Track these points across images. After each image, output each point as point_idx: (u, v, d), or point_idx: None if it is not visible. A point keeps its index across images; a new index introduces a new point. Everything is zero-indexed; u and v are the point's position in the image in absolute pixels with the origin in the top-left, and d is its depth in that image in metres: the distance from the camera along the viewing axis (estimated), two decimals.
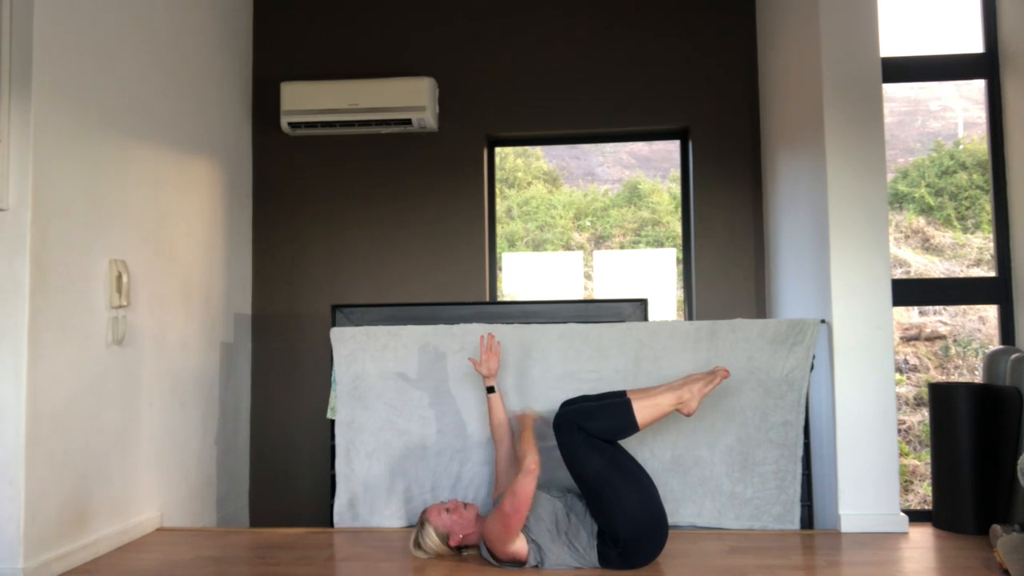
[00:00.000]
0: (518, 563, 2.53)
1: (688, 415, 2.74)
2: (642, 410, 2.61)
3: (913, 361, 5.66)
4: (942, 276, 5.63)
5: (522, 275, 4.84)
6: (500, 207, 4.81)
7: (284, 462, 4.17)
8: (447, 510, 2.65)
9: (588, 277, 5.07)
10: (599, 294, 4.72)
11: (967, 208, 5.93)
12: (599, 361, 3.16)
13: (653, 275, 4.63)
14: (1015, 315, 3.56)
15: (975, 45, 3.76)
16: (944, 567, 2.59)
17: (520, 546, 2.50)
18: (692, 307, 4.12)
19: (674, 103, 4.15)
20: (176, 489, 3.44)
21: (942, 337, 5.70)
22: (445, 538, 2.63)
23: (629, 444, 2.99)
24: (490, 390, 2.93)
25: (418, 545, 2.67)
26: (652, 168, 6.35)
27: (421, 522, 2.68)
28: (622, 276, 4.70)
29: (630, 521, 2.46)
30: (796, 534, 3.01)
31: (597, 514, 2.52)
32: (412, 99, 3.99)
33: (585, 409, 2.60)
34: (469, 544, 2.67)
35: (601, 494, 2.49)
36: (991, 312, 5.41)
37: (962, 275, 5.68)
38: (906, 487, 5.15)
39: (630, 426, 2.60)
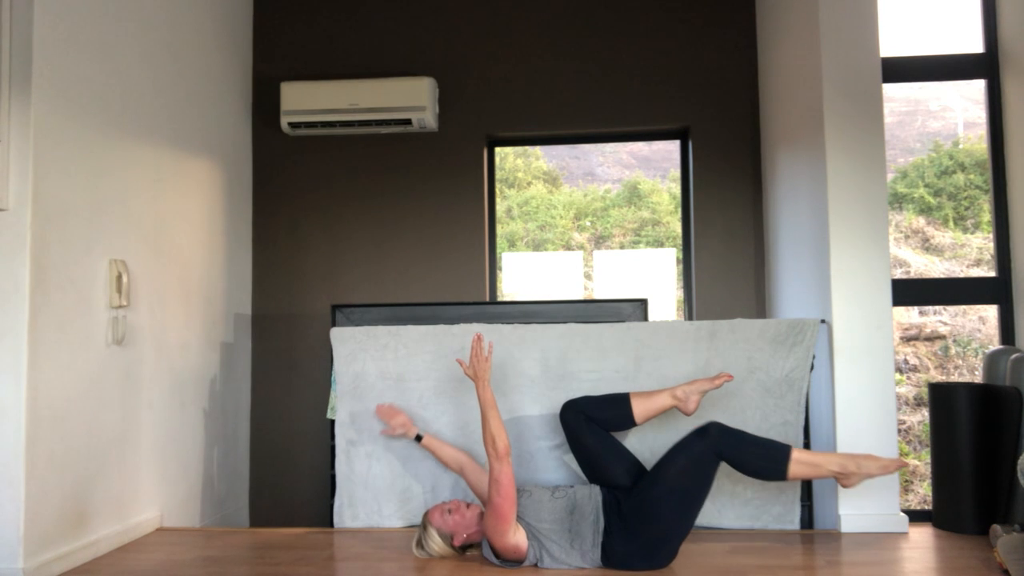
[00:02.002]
0: (519, 560, 2.53)
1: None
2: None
3: (913, 361, 5.67)
4: (942, 276, 5.64)
5: (522, 275, 4.84)
6: (500, 207, 4.81)
7: (284, 462, 4.17)
8: (449, 511, 2.65)
9: (588, 277, 5.08)
10: (599, 294, 4.72)
11: (967, 208, 5.93)
12: (599, 361, 3.16)
13: (653, 275, 4.63)
14: (1015, 315, 3.56)
15: (975, 45, 3.76)
16: (944, 567, 2.59)
17: (520, 539, 2.50)
18: (692, 307, 4.12)
19: (674, 103, 4.15)
20: (176, 489, 3.44)
21: (942, 337, 5.71)
22: (449, 539, 2.63)
23: (630, 445, 3.01)
24: (418, 439, 3.04)
25: (421, 546, 2.67)
26: (652, 168, 6.35)
27: (424, 524, 2.68)
28: (622, 276, 4.71)
29: (662, 532, 2.49)
30: (796, 534, 3.01)
31: (638, 505, 2.51)
32: (412, 99, 3.99)
33: (739, 438, 2.60)
34: (473, 543, 2.67)
35: (665, 498, 2.49)
36: (991, 312, 5.41)
37: (962, 275, 5.68)
38: (906, 487, 5.15)
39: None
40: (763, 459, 2.56)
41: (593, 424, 2.76)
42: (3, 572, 2.45)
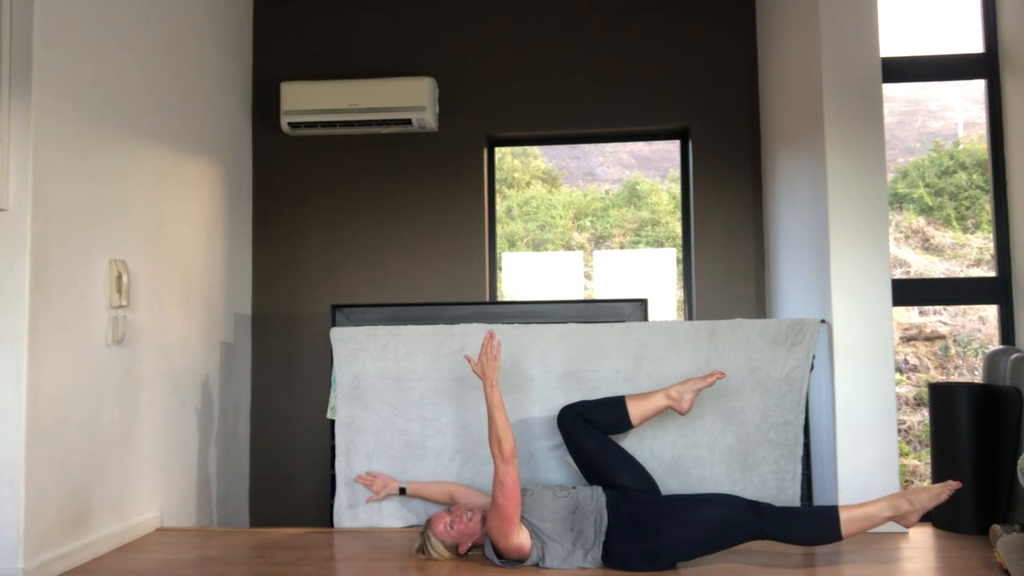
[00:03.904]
0: (520, 560, 2.53)
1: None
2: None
3: (913, 361, 5.66)
4: (942, 276, 5.64)
5: (522, 275, 4.84)
6: (500, 207, 4.81)
7: (284, 462, 4.17)
8: (451, 524, 2.62)
9: (588, 277, 5.08)
10: (599, 294, 4.72)
11: (967, 208, 5.93)
12: (599, 361, 3.16)
13: (653, 275, 4.64)
14: (1015, 315, 3.56)
15: (975, 45, 3.76)
16: (944, 567, 2.59)
17: (523, 539, 2.50)
18: (692, 307, 4.12)
19: (674, 103, 4.15)
20: (176, 489, 3.44)
21: (942, 337, 5.71)
22: (454, 548, 2.63)
23: (630, 445, 3.01)
24: (402, 491, 3.09)
25: (423, 552, 2.66)
26: (652, 168, 6.35)
27: (427, 534, 2.66)
28: (622, 276, 4.71)
29: (675, 541, 2.50)
30: None
31: (655, 507, 2.54)
32: (412, 99, 3.99)
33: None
34: (476, 544, 2.67)
35: (693, 509, 2.53)
36: (991, 312, 5.41)
37: (962, 275, 5.68)
38: (906, 487, 5.14)
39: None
40: (814, 531, 2.55)
41: (591, 428, 2.78)
42: (3, 572, 2.45)
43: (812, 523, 2.56)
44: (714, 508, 2.54)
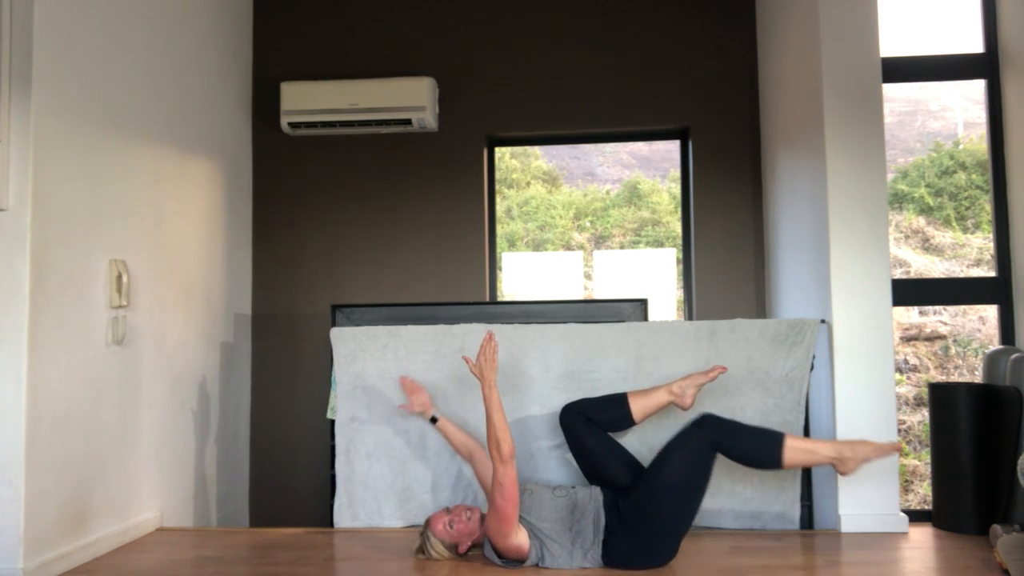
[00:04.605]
0: (520, 560, 2.53)
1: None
2: (792, 451, 2.60)
3: (913, 361, 5.66)
4: (942, 276, 5.64)
5: (522, 275, 4.84)
6: (500, 207, 4.81)
7: (284, 462, 4.17)
8: (451, 523, 2.62)
9: (588, 277, 5.08)
10: (599, 294, 4.72)
11: (967, 208, 5.93)
12: (599, 361, 3.16)
13: (653, 275, 4.64)
14: (1015, 315, 3.56)
15: (975, 45, 3.76)
16: (944, 567, 2.60)
17: (522, 539, 2.50)
18: (692, 307, 4.12)
19: (674, 103, 4.15)
20: (176, 489, 3.44)
21: (942, 337, 5.71)
22: (454, 548, 2.63)
23: (630, 444, 3.00)
24: (433, 420, 3.00)
25: (423, 552, 2.67)
26: (652, 168, 6.35)
27: (426, 533, 2.66)
28: (622, 276, 4.71)
29: (663, 528, 2.50)
30: (796, 534, 3.01)
31: (636, 502, 2.51)
32: (412, 99, 3.99)
33: (732, 427, 2.61)
34: (476, 544, 2.67)
35: (665, 493, 2.50)
36: (991, 312, 5.41)
37: (962, 275, 5.68)
38: (906, 487, 5.15)
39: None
40: (757, 447, 2.57)
41: (593, 426, 2.77)
42: (3, 572, 2.45)
43: (757, 441, 2.58)
44: (672, 454, 2.53)
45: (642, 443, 3.09)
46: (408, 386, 3.05)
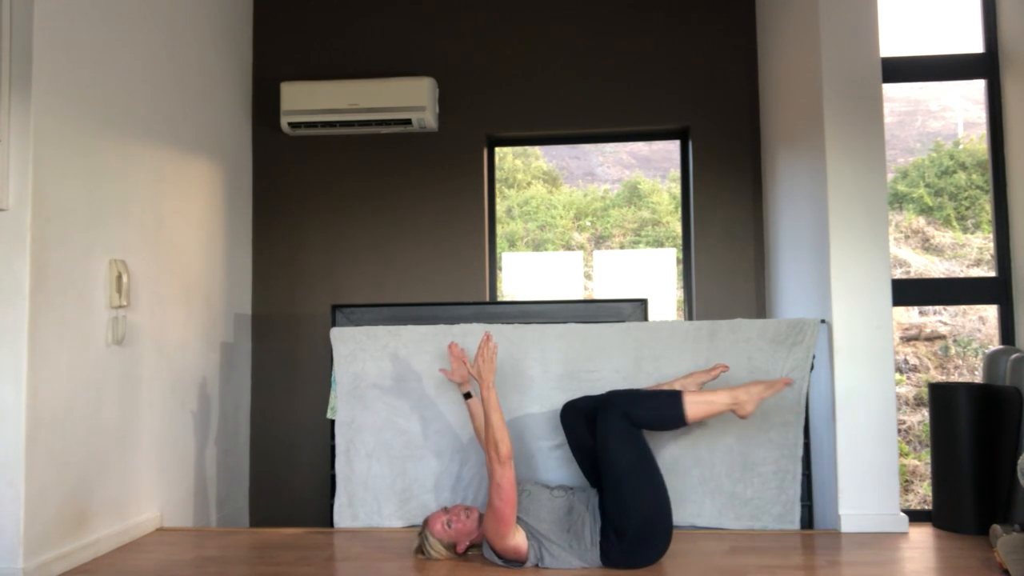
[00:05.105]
0: (519, 561, 2.53)
1: (743, 417, 2.71)
2: (693, 404, 2.61)
3: (913, 361, 5.66)
4: (942, 276, 5.64)
5: (522, 275, 4.84)
6: (500, 207, 4.81)
7: (284, 462, 4.17)
8: (449, 522, 2.62)
9: (588, 277, 5.08)
10: (599, 294, 4.72)
11: (967, 208, 5.93)
12: (599, 361, 3.16)
13: (653, 275, 4.64)
14: (1015, 315, 3.56)
15: (975, 45, 3.76)
16: (944, 567, 2.59)
17: (520, 540, 2.50)
18: (692, 307, 4.12)
19: (674, 103, 4.15)
20: (176, 489, 3.44)
21: (942, 337, 5.71)
22: (452, 547, 2.63)
23: None
24: (467, 396, 2.90)
25: (422, 552, 2.67)
26: (652, 168, 6.35)
27: (424, 533, 2.66)
28: (622, 276, 4.71)
29: (642, 518, 2.47)
30: (796, 534, 3.01)
31: (612, 504, 2.51)
32: (412, 99, 3.99)
33: (634, 395, 2.63)
34: (474, 544, 2.67)
35: (623, 485, 2.50)
36: (991, 312, 5.41)
37: (962, 275, 5.68)
38: (906, 487, 5.15)
39: (678, 418, 2.62)
40: (661, 409, 2.60)
41: (594, 424, 2.75)
42: (3, 572, 2.45)
43: (658, 402, 2.61)
44: (607, 446, 2.54)
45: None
46: (456, 353, 2.91)
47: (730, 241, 4.09)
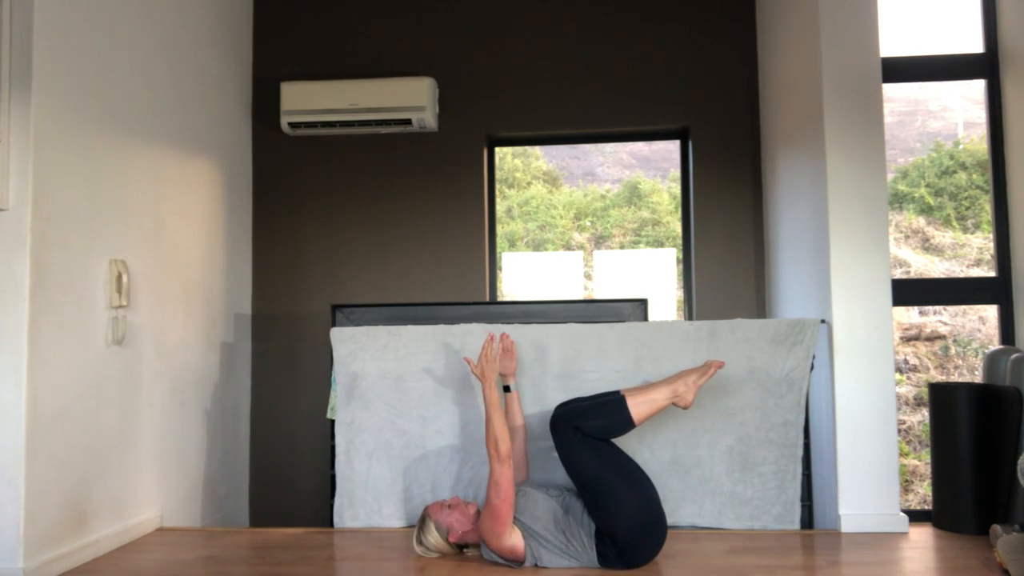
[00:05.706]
0: (517, 561, 2.53)
1: (685, 408, 2.72)
2: (636, 406, 2.62)
3: (913, 361, 5.66)
4: (942, 276, 5.64)
5: (522, 275, 4.84)
6: (500, 207, 4.81)
7: (284, 462, 4.17)
8: (449, 507, 2.67)
9: (588, 277, 5.08)
10: (599, 294, 4.72)
11: (967, 208, 5.93)
12: (599, 361, 3.16)
13: (653, 275, 4.63)
14: (1015, 315, 3.56)
15: (975, 45, 3.76)
16: (944, 567, 2.60)
17: (516, 540, 2.51)
18: (692, 307, 4.12)
19: (674, 103, 4.15)
20: (176, 489, 3.44)
21: (942, 337, 5.70)
22: (445, 534, 2.64)
23: (629, 445, 3.01)
24: (506, 389, 2.92)
25: (420, 542, 2.68)
26: (652, 168, 6.35)
27: (423, 519, 2.69)
28: (622, 276, 4.71)
29: (627, 520, 2.47)
30: (796, 534, 3.01)
31: (595, 513, 2.52)
32: (412, 99, 3.99)
33: (580, 408, 2.62)
34: (470, 543, 2.67)
35: (598, 493, 2.50)
36: (991, 312, 5.41)
37: (962, 275, 5.68)
38: (906, 487, 5.15)
39: (626, 422, 2.61)
40: (608, 416, 2.59)
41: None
42: (3, 572, 2.45)
43: (605, 412, 2.59)
44: (570, 460, 2.54)
45: (641, 443, 3.10)
46: (506, 345, 2.93)
47: (730, 241, 4.09)
